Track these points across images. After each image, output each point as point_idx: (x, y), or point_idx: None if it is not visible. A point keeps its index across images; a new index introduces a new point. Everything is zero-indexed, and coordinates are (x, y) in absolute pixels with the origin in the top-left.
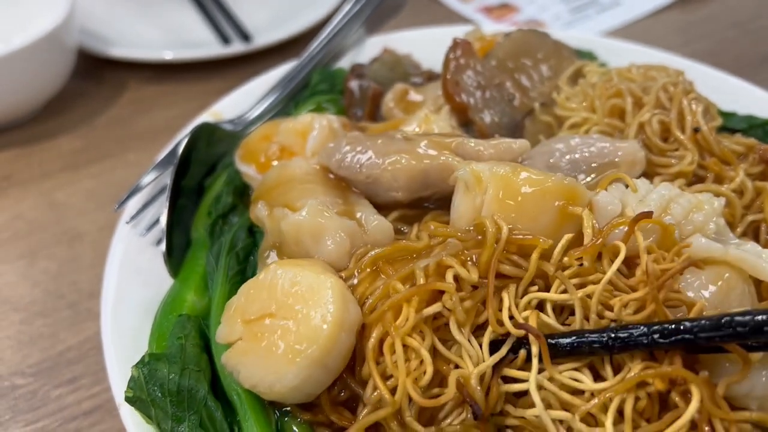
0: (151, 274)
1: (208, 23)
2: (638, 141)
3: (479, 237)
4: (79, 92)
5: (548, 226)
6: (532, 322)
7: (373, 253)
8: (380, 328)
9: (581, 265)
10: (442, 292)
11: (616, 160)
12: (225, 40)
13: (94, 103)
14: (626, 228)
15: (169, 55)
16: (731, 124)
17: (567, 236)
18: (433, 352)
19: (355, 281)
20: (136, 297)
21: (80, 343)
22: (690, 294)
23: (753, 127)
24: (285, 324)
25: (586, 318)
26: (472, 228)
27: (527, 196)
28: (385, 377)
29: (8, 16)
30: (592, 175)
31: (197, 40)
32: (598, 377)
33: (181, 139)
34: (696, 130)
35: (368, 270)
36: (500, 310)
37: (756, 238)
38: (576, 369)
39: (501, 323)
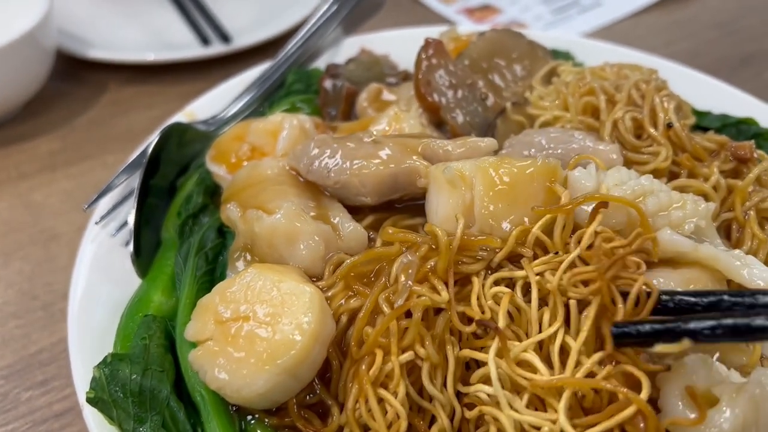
0: (121, 275)
1: (188, 24)
2: (615, 141)
3: (433, 246)
4: (58, 93)
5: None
6: (504, 302)
7: (348, 261)
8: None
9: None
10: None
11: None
12: (204, 41)
13: (73, 105)
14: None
15: (148, 57)
16: (705, 122)
17: (545, 218)
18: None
19: (330, 293)
20: (105, 297)
21: (53, 344)
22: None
23: (726, 126)
24: (260, 329)
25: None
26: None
27: (516, 184)
28: (361, 425)
29: None
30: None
31: (177, 42)
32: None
33: (151, 140)
34: (669, 125)
35: (342, 283)
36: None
37: (727, 237)
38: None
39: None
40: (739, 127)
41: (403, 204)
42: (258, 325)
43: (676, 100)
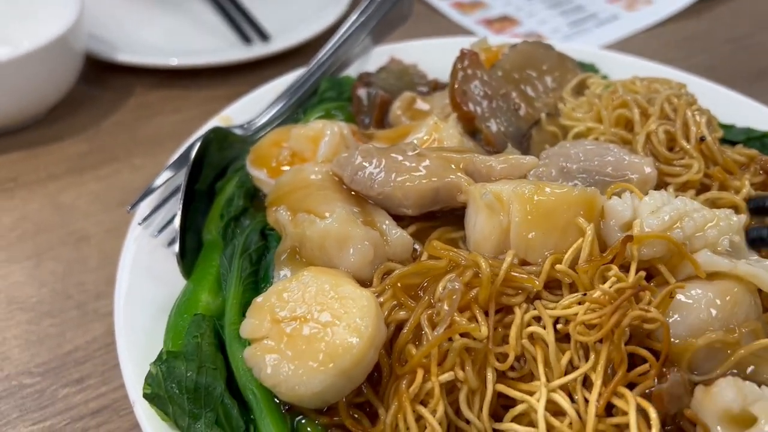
0: (164, 275)
1: (228, 23)
2: (649, 155)
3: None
4: (85, 96)
5: (577, 238)
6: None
7: (397, 271)
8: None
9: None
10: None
11: (629, 176)
12: (246, 39)
13: (100, 107)
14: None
15: (174, 62)
16: (730, 136)
17: (574, 246)
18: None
19: (381, 299)
20: (148, 296)
21: (87, 343)
22: (701, 307)
23: (751, 140)
24: (317, 330)
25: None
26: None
27: (553, 212)
28: None
29: (19, 22)
30: (601, 190)
31: (203, 47)
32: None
33: (193, 142)
34: (701, 139)
35: (391, 291)
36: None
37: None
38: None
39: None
40: (763, 141)
41: (441, 215)
42: (315, 326)
43: (706, 115)
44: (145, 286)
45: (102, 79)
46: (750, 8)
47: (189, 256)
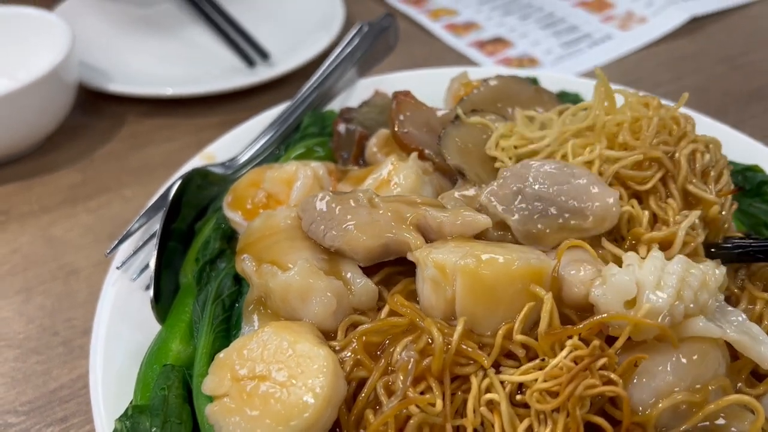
0: (142, 319)
1: (229, 45)
2: (617, 193)
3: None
4: (78, 126)
5: (523, 304)
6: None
7: (360, 328)
8: None
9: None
10: None
11: (586, 212)
12: (249, 62)
13: (93, 137)
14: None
15: (168, 91)
16: None
17: (523, 314)
18: None
19: (342, 355)
20: (126, 342)
21: (72, 381)
22: (668, 370)
23: (733, 173)
24: (274, 390)
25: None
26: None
27: (497, 287)
28: None
29: (11, 51)
30: (550, 225)
31: (198, 72)
32: None
33: (172, 183)
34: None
35: (354, 346)
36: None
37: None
38: None
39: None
40: (745, 174)
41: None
42: (273, 386)
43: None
44: (124, 331)
45: (96, 107)
46: (744, 26)
47: (166, 299)
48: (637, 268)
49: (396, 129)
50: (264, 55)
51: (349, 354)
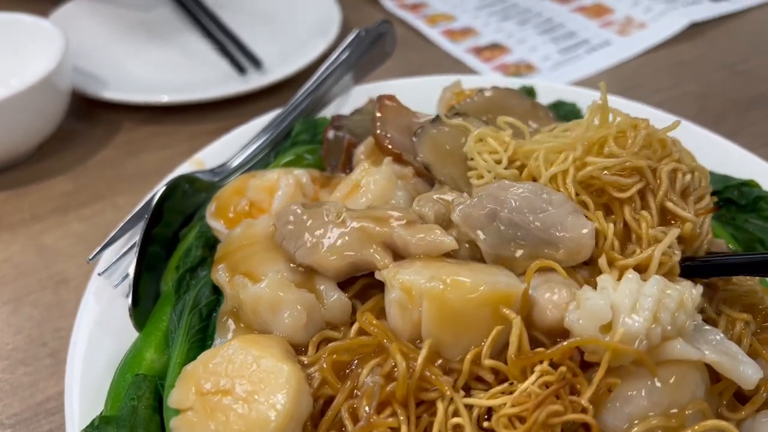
0: (123, 327)
1: (221, 53)
2: (592, 225)
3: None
4: (72, 132)
5: (489, 329)
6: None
7: (329, 346)
8: None
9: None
10: None
11: (559, 244)
12: (239, 68)
13: (86, 144)
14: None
15: (163, 98)
16: None
17: (489, 338)
18: None
19: (311, 371)
20: (105, 350)
21: (59, 393)
22: (642, 395)
23: (728, 188)
24: (237, 405)
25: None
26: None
27: (463, 312)
28: None
29: (5, 58)
30: (521, 253)
31: (194, 79)
32: None
33: (157, 190)
34: None
35: (323, 363)
36: None
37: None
38: None
39: None
40: (741, 190)
41: None
42: (236, 401)
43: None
44: (104, 339)
45: (90, 114)
46: (744, 32)
47: (146, 306)
48: (611, 290)
49: (377, 132)
50: (256, 62)
51: (317, 371)
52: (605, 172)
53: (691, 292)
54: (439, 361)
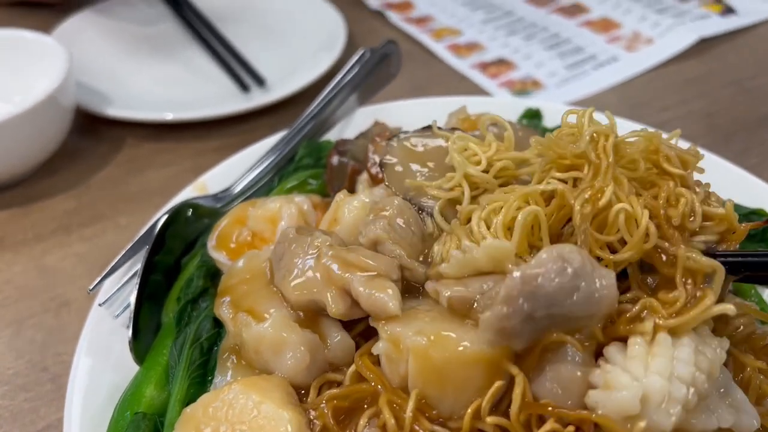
0: (124, 358)
1: (224, 69)
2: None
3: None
4: (76, 149)
5: (478, 386)
6: None
7: (329, 392)
8: None
9: None
10: None
11: (594, 313)
12: (242, 85)
13: (90, 162)
14: None
15: (168, 116)
16: None
17: (489, 394)
18: None
19: (312, 415)
20: (106, 383)
21: (59, 420)
22: None
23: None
24: None
25: None
26: None
27: (447, 369)
28: None
29: (9, 76)
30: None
31: (198, 96)
32: None
33: (159, 217)
34: None
35: (324, 408)
36: None
37: None
38: None
39: None
40: (750, 219)
41: None
42: None
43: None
44: (103, 372)
45: (94, 130)
46: (753, 48)
47: (148, 338)
48: (643, 375)
49: (369, 167)
50: (260, 80)
51: (319, 414)
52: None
53: (717, 352)
54: (435, 411)
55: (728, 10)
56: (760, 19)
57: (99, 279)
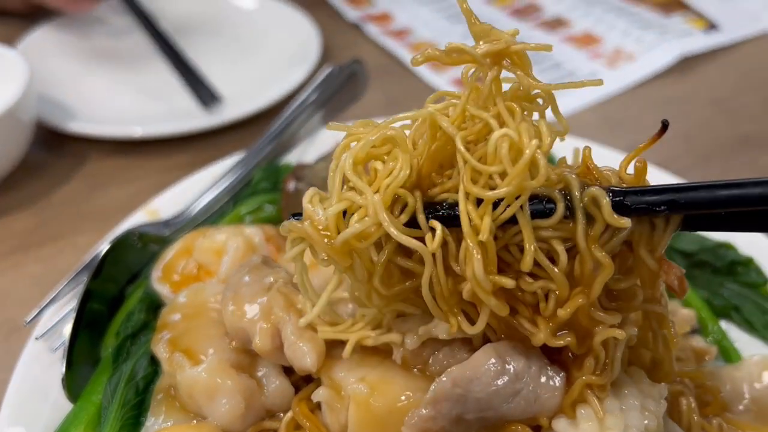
0: (61, 396)
1: (186, 85)
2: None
3: None
4: (38, 164)
5: None
6: None
7: None
8: None
9: None
10: None
11: (538, 412)
12: (202, 101)
13: (52, 177)
14: None
15: (137, 131)
16: (680, 244)
17: None
18: None
19: None
20: (41, 424)
21: None
22: None
23: (703, 250)
24: None
25: None
26: None
27: (391, 419)
28: None
29: None
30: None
31: (165, 111)
32: None
33: (101, 249)
34: None
35: None
36: None
37: None
38: None
39: None
40: (716, 252)
41: None
42: None
43: None
44: (38, 411)
45: (56, 144)
46: (735, 67)
47: (85, 373)
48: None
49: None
50: (215, 98)
51: None
52: None
53: (661, 404)
54: None
55: (712, 27)
56: (743, 35)
57: (37, 311)
